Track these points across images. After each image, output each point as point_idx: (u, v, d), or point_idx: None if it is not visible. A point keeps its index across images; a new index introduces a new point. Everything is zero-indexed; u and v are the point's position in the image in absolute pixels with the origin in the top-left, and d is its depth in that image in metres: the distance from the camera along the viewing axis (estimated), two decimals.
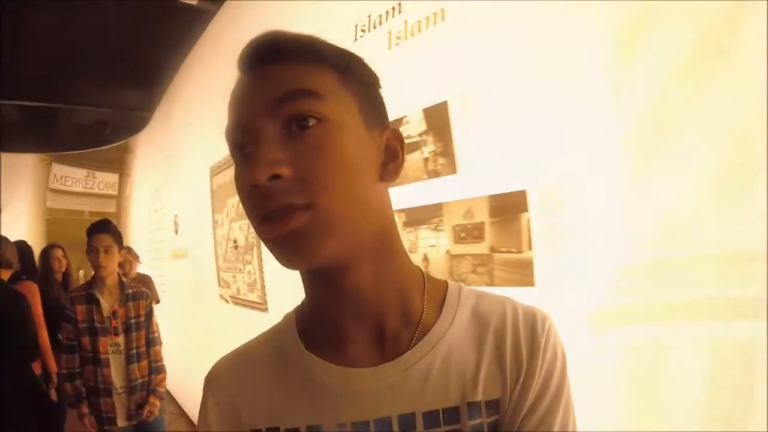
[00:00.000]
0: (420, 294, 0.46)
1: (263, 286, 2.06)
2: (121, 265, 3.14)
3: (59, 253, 3.02)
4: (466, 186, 1.11)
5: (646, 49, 0.82)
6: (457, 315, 0.45)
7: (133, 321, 2.00)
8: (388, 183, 0.43)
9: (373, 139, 0.42)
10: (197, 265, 3.14)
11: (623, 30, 0.84)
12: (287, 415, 0.45)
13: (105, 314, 1.94)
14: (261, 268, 2.06)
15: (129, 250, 3.30)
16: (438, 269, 1.18)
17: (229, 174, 2.43)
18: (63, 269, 3.01)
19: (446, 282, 0.48)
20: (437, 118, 1.16)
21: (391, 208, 0.45)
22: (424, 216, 1.22)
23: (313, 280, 0.44)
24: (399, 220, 1.28)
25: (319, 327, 0.46)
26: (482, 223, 1.06)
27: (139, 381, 1.99)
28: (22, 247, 2.87)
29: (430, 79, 1.22)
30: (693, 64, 0.76)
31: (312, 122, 0.37)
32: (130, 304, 2.01)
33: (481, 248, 1.07)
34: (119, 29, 3.43)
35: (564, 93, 0.93)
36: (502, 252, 1.03)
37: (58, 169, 5.78)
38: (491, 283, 1.06)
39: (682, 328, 0.78)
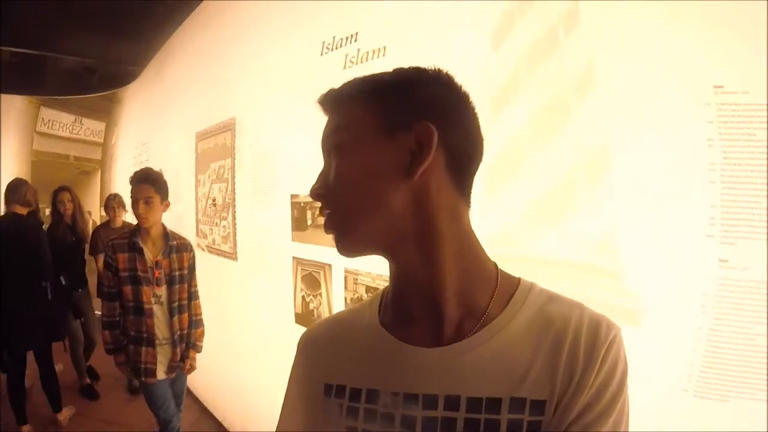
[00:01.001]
0: (487, 288, 0.49)
1: (235, 240, 2.51)
2: (108, 212, 3.45)
3: (66, 196, 3.19)
4: None
5: (510, 104, 1.23)
6: (520, 312, 0.47)
7: (176, 273, 1.98)
8: (416, 180, 0.46)
9: (396, 141, 0.47)
10: (177, 217, 3.53)
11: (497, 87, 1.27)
12: (355, 377, 0.51)
13: (148, 264, 1.92)
14: (234, 225, 2.49)
15: (115, 197, 3.49)
16: None
17: (213, 141, 2.81)
18: (69, 212, 3.19)
19: (519, 279, 0.51)
20: None
21: (436, 200, 0.47)
22: None
23: (389, 265, 0.51)
24: None
25: (393, 305, 0.53)
26: None
27: (180, 334, 1.99)
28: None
29: None
30: (538, 121, 1.18)
31: (333, 152, 0.49)
32: (174, 256, 1.98)
33: None
34: None
35: None
36: None
37: (46, 113, 5.93)
38: None
39: None
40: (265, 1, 2.32)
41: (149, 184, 1.90)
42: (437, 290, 0.48)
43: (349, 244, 0.49)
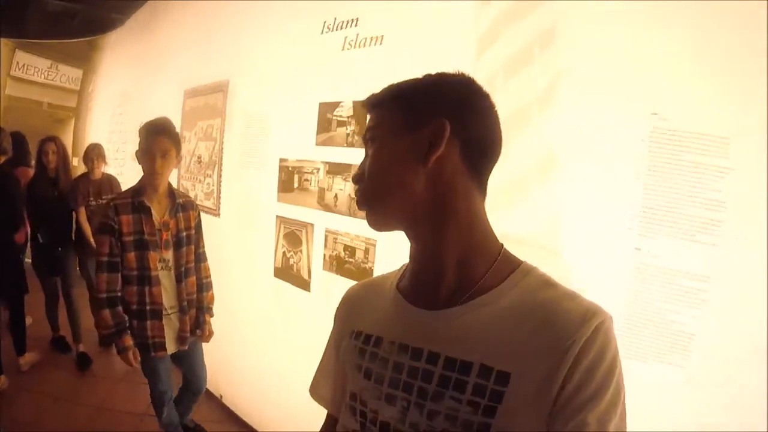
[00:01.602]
0: (485, 264, 0.55)
1: (218, 196, 2.65)
2: (87, 163, 3.21)
3: (51, 147, 3.01)
4: None
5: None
6: (511, 292, 0.53)
7: (183, 234, 1.81)
8: (432, 166, 0.54)
9: (417, 135, 0.55)
10: None
11: None
12: (369, 325, 0.62)
13: (156, 226, 1.74)
14: (219, 182, 2.63)
15: (95, 147, 3.32)
16: (342, 204, 1.83)
17: (203, 100, 2.91)
18: (53, 165, 3.00)
19: (521, 262, 0.57)
20: (359, 109, 1.78)
21: (450, 186, 0.55)
22: (339, 170, 1.86)
23: (409, 240, 0.60)
24: (323, 169, 1.91)
25: (409, 273, 0.62)
26: None
27: (188, 300, 1.84)
28: (18, 136, 3.19)
29: (362, 80, 1.81)
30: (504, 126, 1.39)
31: (369, 143, 0.60)
32: (181, 215, 1.81)
33: None
34: None
35: None
36: None
37: (21, 57, 5.70)
38: None
39: None
40: None
41: (166, 137, 1.72)
42: (439, 261, 0.56)
43: (377, 218, 0.59)
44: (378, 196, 0.57)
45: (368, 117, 0.63)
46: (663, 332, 1.16)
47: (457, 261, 0.55)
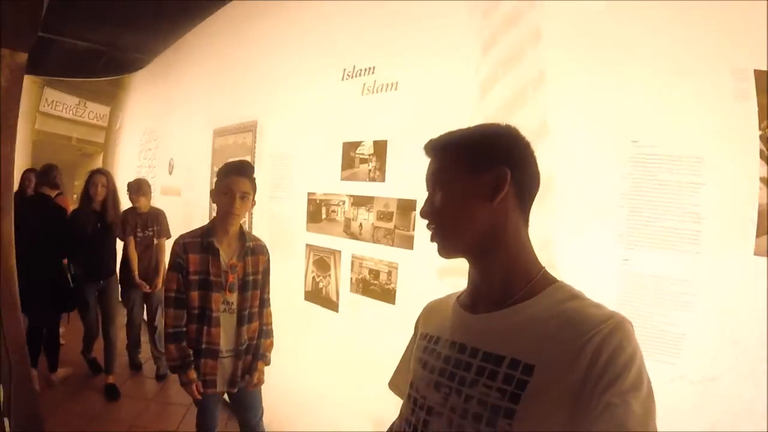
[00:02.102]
0: (525, 281, 0.65)
1: (251, 228, 2.88)
2: (132, 196, 3.30)
3: (101, 179, 3.06)
4: (388, 190, 1.98)
5: None
6: (543, 301, 0.62)
7: (250, 278, 1.79)
8: (496, 204, 0.66)
9: (481, 179, 0.67)
10: (188, 204, 3.85)
11: None
12: (433, 328, 0.76)
13: (223, 267, 1.73)
14: (251, 215, 2.87)
15: (140, 181, 3.40)
16: (366, 232, 2.05)
17: (232, 139, 3.17)
18: (100, 198, 3.05)
19: (555, 280, 0.67)
20: (380, 148, 2.01)
21: (505, 220, 0.67)
22: (363, 201, 2.08)
23: (469, 263, 0.71)
24: (348, 201, 2.13)
25: (467, 289, 0.74)
26: (392, 212, 1.94)
27: (247, 344, 1.82)
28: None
29: (381, 123, 2.05)
30: None
31: (437, 186, 0.70)
32: (249, 258, 1.80)
33: (389, 225, 1.95)
34: None
35: None
36: (399, 229, 1.92)
37: (50, 94, 6.07)
38: (392, 244, 1.94)
39: None
40: (290, 18, 2.70)
41: (247, 178, 1.73)
42: (489, 279, 0.67)
43: (449, 249, 0.69)
44: (453, 229, 0.67)
45: (431, 160, 0.74)
46: (653, 333, 1.29)
47: (501, 279, 0.66)
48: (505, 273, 0.66)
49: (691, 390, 1.26)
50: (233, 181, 1.69)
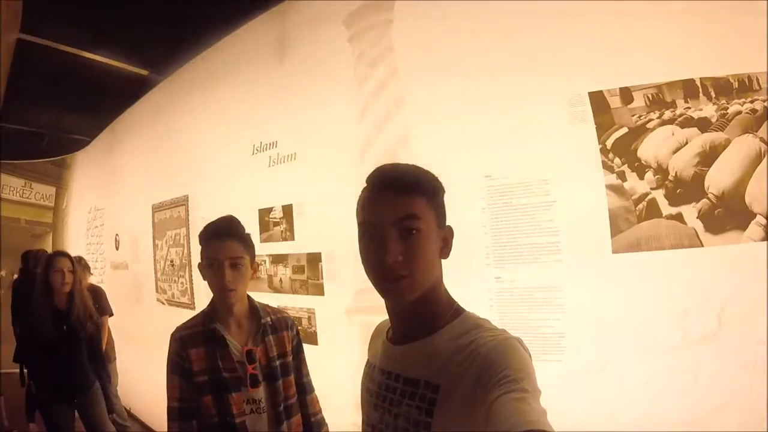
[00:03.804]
0: (441, 316, 0.73)
1: (192, 292, 3.11)
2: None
3: (66, 264, 2.31)
4: (298, 247, 2.29)
5: None
6: (451, 330, 0.71)
7: (277, 363, 1.35)
8: (442, 258, 0.74)
9: (439, 234, 0.73)
10: (137, 276, 4.02)
11: None
12: (372, 357, 0.84)
13: (236, 359, 1.31)
14: (191, 281, 3.11)
15: (80, 260, 3.25)
16: (286, 285, 2.34)
17: (168, 213, 3.42)
18: (67, 289, 2.31)
19: (464, 312, 0.75)
20: (287, 211, 2.33)
21: (441, 269, 0.75)
22: (280, 259, 2.38)
23: (389, 305, 0.76)
24: (268, 260, 2.43)
25: (392, 322, 0.79)
26: (303, 265, 2.25)
27: None
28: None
29: (285, 189, 2.37)
30: None
31: (414, 233, 0.69)
32: (270, 338, 1.36)
33: (302, 277, 2.25)
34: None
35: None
36: (311, 279, 2.22)
37: None
38: (307, 293, 2.23)
39: None
40: (210, 100, 3.03)
41: (237, 241, 1.31)
42: (416, 316, 0.73)
43: (413, 296, 0.69)
44: (425, 278, 0.70)
45: (391, 198, 0.70)
46: (535, 337, 1.43)
47: (425, 315, 0.73)
48: (430, 311, 0.73)
49: (584, 383, 1.37)
50: (215, 249, 1.30)
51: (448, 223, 0.76)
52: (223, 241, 1.30)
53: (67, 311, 2.31)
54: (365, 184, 0.75)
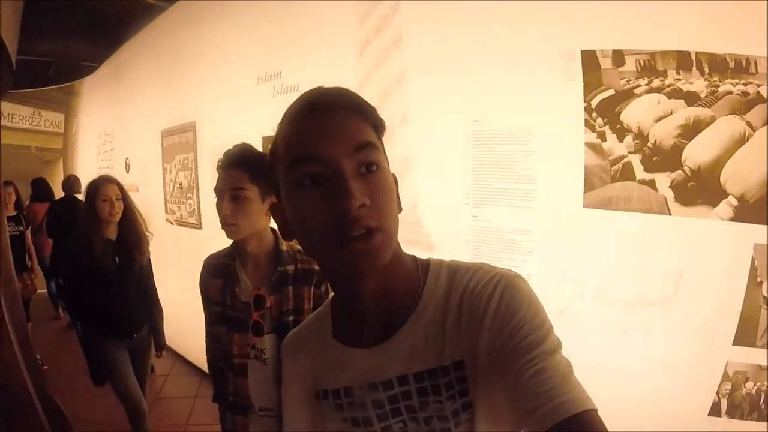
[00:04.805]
0: (414, 275, 0.58)
1: (200, 214, 3.36)
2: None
3: (114, 191, 2.09)
4: None
5: None
6: (432, 299, 0.56)
7: (290, 319, 1.23)
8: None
9: (393, 177, 0.56)
10: (147, 198, 4.26)
11: None
12: (330, 381, 0.61)
13: (243, 299, 1.24)
14: (198, 202, 3.34)
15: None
16: None
17: (177, 138, 3.60)
18: (115, 218, 2.07)
19: (429, 263, 0.60)
20: None
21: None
22: None
23: (345, 282, 0.57)
24: None
25: (345, 319, 0.61)
26: None
27: None
28: None
29: None
30: None
31: (375, 168, 0.50)
32: (289, 289, 1.24)
33: None
34: None
35: None
36: None
37: (4, 107, 6.19)
38: None
39: None
40: (217, 29, 3.11)
41: (242, 170, 1.20)
42: (386, 287, 0.56)
43: (390, 254, 0.51)
44: (396, 233, 0.53)
45: (351, 124, 0.51)
46: None
47: (398, 281, 0.57)
48: (403, 273, 0.58)
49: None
50: (219, 178, 1.24)
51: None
52: (226, 171, 1.23)
53: (121, 241, 2.10)
54: (287, 114, 0.56)
